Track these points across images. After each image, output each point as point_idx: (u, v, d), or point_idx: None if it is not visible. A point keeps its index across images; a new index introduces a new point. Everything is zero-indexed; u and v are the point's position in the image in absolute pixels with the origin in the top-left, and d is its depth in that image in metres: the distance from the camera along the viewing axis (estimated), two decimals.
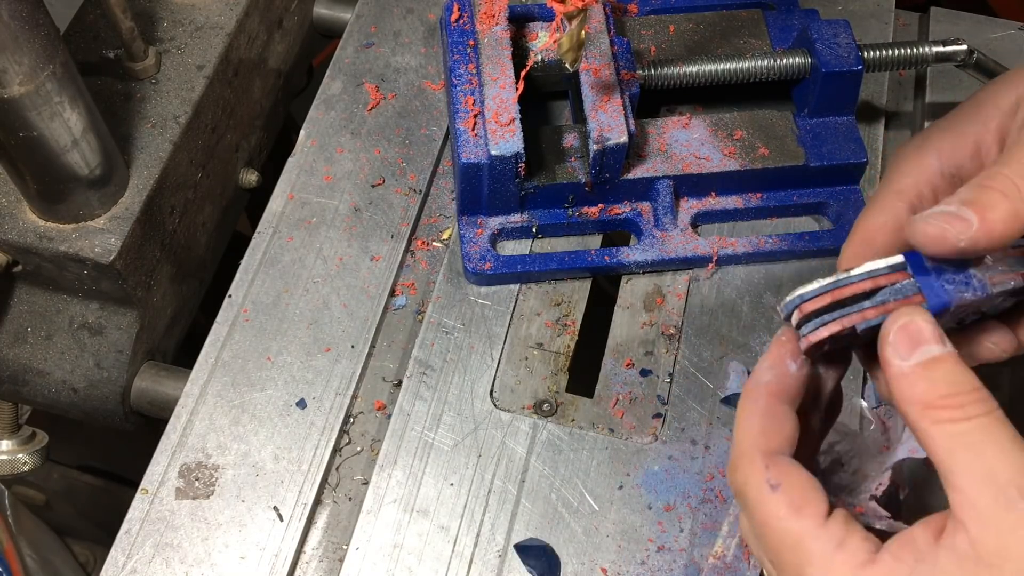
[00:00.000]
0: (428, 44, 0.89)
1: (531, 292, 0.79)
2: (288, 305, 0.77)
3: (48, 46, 0.62)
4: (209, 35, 0.81)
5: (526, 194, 0.77)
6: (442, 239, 0.81)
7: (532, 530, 0.69)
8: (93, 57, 0.78)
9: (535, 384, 0.75)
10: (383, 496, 0.70)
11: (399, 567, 0.68)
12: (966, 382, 0.45)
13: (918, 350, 0.46)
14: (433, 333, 0.76)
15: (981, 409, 0.44)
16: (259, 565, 0.67)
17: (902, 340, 0.46)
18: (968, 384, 0.45)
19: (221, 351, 0.75)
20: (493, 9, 0.78)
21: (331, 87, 0.87)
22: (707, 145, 0.79)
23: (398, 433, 0.72)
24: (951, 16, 0.93)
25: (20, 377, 0.77)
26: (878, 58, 0.80)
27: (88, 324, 0.77)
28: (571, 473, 0.71)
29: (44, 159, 0.67)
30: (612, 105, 0.75)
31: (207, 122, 0.81)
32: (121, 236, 0.72)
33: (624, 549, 0.68)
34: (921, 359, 0.45)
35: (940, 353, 0.45)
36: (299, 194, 0.82)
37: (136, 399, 0.78)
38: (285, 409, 0.73)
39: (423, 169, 0.83)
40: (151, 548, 0.68)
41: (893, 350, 0.46)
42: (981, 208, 0.46)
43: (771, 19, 0.85)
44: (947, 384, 0.45)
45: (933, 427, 0.44)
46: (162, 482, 0.70)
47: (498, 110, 0.74)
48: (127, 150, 0.75)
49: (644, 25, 0.84)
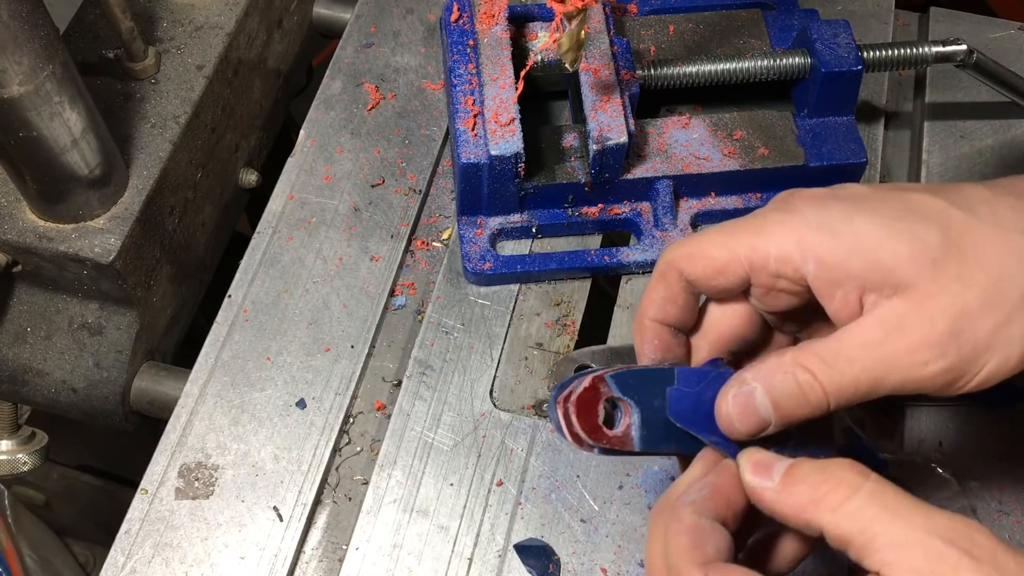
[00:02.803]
0: (428, 44, 0.89)
1: (531, 292, 0.79)
2: (288, 305, 0.77)
3: (48, 46, 0.62)
4: (209, 35, 0.81)
5: (526, 194, 0.77)
6: (442, 239, 0.81)
7: (532, 530, 0.69)
8: (93, 57, 0.78)
9: (535, 384, 0.75)
10: (383, 496, 0.70)
11: (399, 567, 0.68)
12: (830, 467, 0.47)
13: (774, 469, 0.49)
14: (433, 333, 0.76)
15: (858, 480, 0.46)
16: (259, 565, 0.67)
17: (757, 470, 0.49)
18: (833, 467, 0.47)
19: (221, 351, 0.75)
20: (493, 9, 0.78)
21: (331, 87, 0.87)
22: (707, 145, 0.79)
23: (398, 433, 0.72)
24: (951, 16, 0.93)
25: (20, 377, 0.77)
26: (878, 58, 0.80)
27: (88, 324, 0.77)
28: (571, 473, 0.71)
29: (44, 159, 0.67)
30: (612, 105, 0.75)
31: (207, 122, 0.81)
32: (121, 236, 0.72)
33: (624, 549, 0.68)
34: (780, 473, 0.48)
35: (791, 461, 0.49)
36: (299, 194, 0.82)
37: (136, 399, 0.78)
38: (285, 409, 0.73)
39: (423, 169, 0.83)
40: (151, 548, 0.68)
41: (757, 480, 0.49)
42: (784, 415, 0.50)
43: (771, 19, 0.85)
44: (817, 475, 0.47)
45: (833, 515, 0.45)
46: (162, 482, 0.70)
47: (498, 110, 0.74)
48: (127, 150, 0.75)
49: (644, 25, 0.84)
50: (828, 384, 0.49)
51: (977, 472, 0.71)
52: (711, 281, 0.54)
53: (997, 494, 0.70)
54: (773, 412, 0.50)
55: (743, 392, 0.51)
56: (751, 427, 0.51)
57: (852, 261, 0.50)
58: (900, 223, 0.50)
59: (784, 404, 0.50)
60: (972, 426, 0.73)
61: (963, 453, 0.72)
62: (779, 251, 0.51)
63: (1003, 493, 0.70)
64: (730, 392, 0.51)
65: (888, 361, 0.48)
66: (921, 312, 0.48)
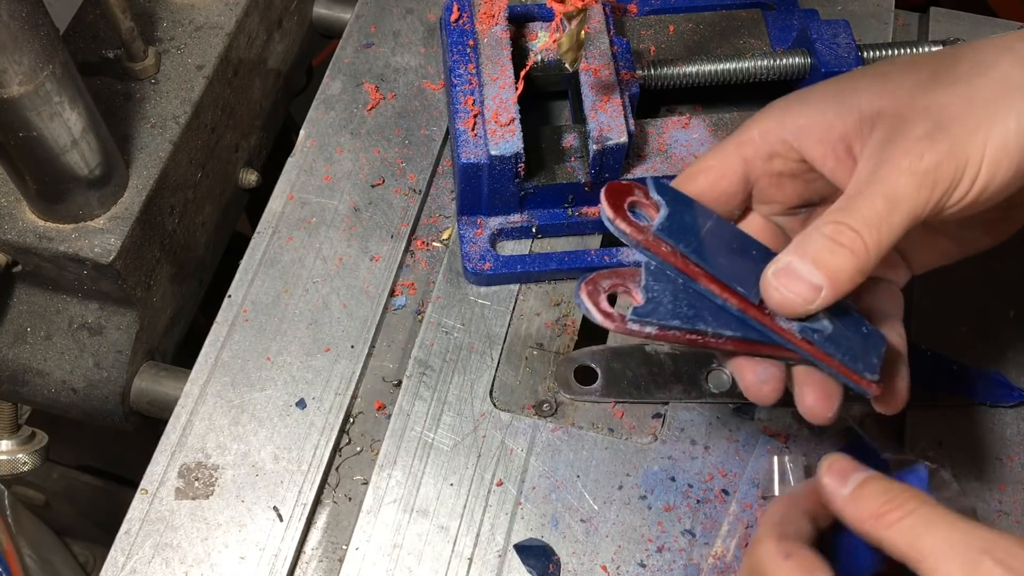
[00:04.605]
0: (428, 44, 0.89)
1: (531, 292, 0.79)
2: (288, 305, 0.77)
3: (48, 46, 0.62)
4: (209, 35, 0.81)
5: (526, 194, 0.77)
6: (442, 239, 0.81)
7: (532, 530, 0.69)
8: (93, 57, 0.78)
9: (535, 384, 0.75)
10: (383, 496, 0.70)
11: (399, 567, 0.68)
12: (895, 489, 0.50)
13: (850, 479, 0.52)
14: (433, 333, 0.76)
15: (916, 503, 0.49)
16: (259, 565, 0.67)
17: (834, 476, 0.52)
18: (897, 489, 0.50)
19: (221, 351, 0.75)
20: (493, 9, 0.78)
21: (331, 87, 0.87)
22: (707, 145, 0.79)
23: (398, 433, 0.72)
24: (951, 16, 0.93)
25: (20, 377, 0.77)
26: (878, 58, 0.80)
27: (88, 324, 0.77)
28: (571, 473, 0.71)
29: (44, 159, 0.67)
30: (612, 105, 0.75)
31: (207, 122, 0.81)
32: (121, 236, 0.72)
33: (624, 549, 0.68)
34: (854, 484, 0.51)
35: (867, 475, 0.52)
36: (299, 194, 0.82)
37: (136, 399, 0.78)
38: (285, 409, 0.73)
39: (423, 169, 0.83)
40: (151, 548, 0.68)
41: (832, 486, 0.52)
42: (831, 273, 0.51)
43: (771, 19, 0.85)
44: (883, 495, 0.50)
45: (889, 531, 0.49)
46: (162, 482, 0.70)
47: (498, 110, 0.74)
48: (127, 150, 0.75)
49: (644, 25, 0.84)
50: (859, 226, 0.50)
51: (977, 472, 0.71)
52: (717, 189, 0.57)
53: (997, 494, 0.70)
54: (820, 274, 0.51)
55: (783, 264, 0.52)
56: (803, 292, 0.51)
57: (827, 114, 0.54)
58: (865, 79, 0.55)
59: (828, 261, 0.51)
60: (972, 426, 0.73)
61: (963, 453, 0.72)
62: (761, 128, 0.57)
63: (1003, 493, 0.70)
64: (769, 269, 0.52)
65: (894, 177, 0.50)
66: (902, 127, 0.52)
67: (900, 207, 0.50)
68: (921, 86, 0.53)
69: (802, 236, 0.52)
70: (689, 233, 0.54)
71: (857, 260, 0.50)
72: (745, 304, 0.54)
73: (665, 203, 0.54)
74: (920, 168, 0.50)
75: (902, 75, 0.55)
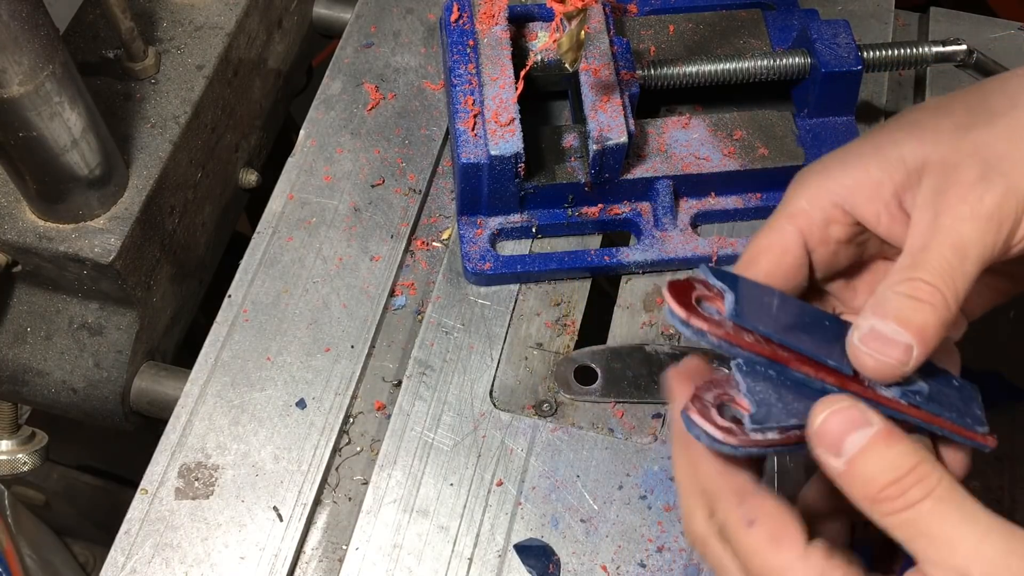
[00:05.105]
0: (428, 44, 0.89)
1: (531, 292, 0.79)
2: (288, 305, 0.77)
3: (48, 46, 0.62)
4: (209, 35, 0.81)
5: (526, 194, 0.77)
6: (442, 239, 0.81)
7: (532, 530, 0.69)
8: (93, 57, 0.78)
9: (535, 384, 0.75)
10: (383, 496, 0.70)
11: (399, 567, 0.68)
12: (901, 463, 0.45)
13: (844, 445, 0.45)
14: (433, 333, 0.76)
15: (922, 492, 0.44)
16: (259, 565, 0.67)
17: (825, 441, 0.46)
18: (904, 464, 0.44)
19: (221, 351, 0.75)
20: (493, 9, 0.78)
21: (331, 87, 0.87)
22: (707, 145, 0.79)
23: (398, 433, 0.72)
24: (951, 16, 0.93)
25: (20, 377, 0.77)
26: (878, 58, 0.80)
27: (88, 324, 0.77)
28: (571, 473, 0.71)
29: (44, 159, 0.67)
30: (612, 105, 0.75)
31: (207, 122, 0.81)
32: (121, 236, 0.72)
33: (624, 549, 0.68)
34: (850, 455, 0.45)
35: (865, 441, 0.45)
36: (299, 194, 0.82)
37: (136, 399, 0.78)
38: (285, 409, 0.73)
39: (423, 169, 0.83)
40: (151, 548, 0.68)
41: (823, 451, 0.46)
42: (918, 329, 0.48)
43: (771, 19, 0.85)
44: (882, 473, 0.45)
45: (885, 519, 0.45)
46: (162, 482, 0.70)
47: (498, 110, 0.74)
48: (127, 150, 0.75)
49: (644, 25, 0.84)
50: (934, 279, 0.48)
51: (977, 472, 0.71)
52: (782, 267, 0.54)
53: (997, 494, 0.70)
54: (906, 332, 0.48)
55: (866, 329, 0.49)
56: (896, 354, 0.48)
57: (871, 172, 0.52)
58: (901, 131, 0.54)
59: (912, 318, 0.48)
60: None
61: None
62: (808, 197, 0.54)
63: (1003, 493, 0.70)
64: (854, 337, 0.49)
65: (958, 225, 0.49)
66: (952, 173, 0.50)
67: (970, 254, 0.49)
68: (962, 128, 0.52)
69: (876, 298, 0.49)
70: (764, 315, 0.50)
71: (938, 313, 0.48)
72: (842, 380, 0.50)
73: (728, 288, 0.50)
74: (982, 212, 0.49)
75: (937, 120, 0.53)
